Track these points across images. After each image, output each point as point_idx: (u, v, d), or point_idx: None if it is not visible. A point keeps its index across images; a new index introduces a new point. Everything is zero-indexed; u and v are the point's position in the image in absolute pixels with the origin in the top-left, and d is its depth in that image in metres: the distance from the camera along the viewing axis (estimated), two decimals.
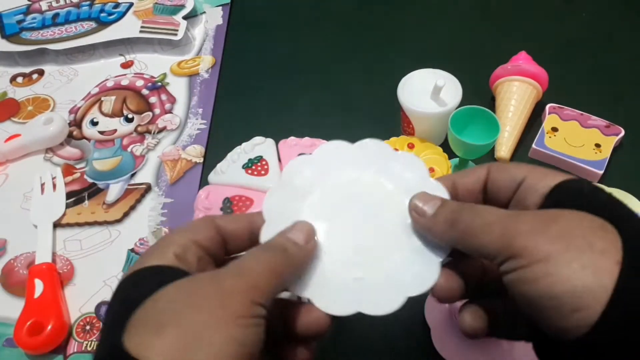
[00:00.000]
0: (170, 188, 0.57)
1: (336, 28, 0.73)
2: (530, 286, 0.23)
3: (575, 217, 0.24)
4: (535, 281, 0.23)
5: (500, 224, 0.25)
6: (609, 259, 0.22)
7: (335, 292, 0.28)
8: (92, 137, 0.63)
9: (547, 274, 0.23)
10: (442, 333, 0.44)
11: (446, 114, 0.51)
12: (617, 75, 0.64)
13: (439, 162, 0.53)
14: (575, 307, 0.22)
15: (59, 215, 0.55)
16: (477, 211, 0.27)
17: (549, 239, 0.23)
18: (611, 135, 0.56)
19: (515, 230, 0.24)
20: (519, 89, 0.57)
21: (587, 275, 0.22)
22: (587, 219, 0.24)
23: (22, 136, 0.60)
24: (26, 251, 0.53)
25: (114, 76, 0.69)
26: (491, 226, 0.25)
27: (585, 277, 0.22)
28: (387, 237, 0.30)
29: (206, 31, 0.74)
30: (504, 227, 0.25)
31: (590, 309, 0.22)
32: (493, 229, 0.25)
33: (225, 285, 0.24)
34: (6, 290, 0.50)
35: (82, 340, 0.47)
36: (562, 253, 0.23)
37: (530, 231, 0.24)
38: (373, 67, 0.65)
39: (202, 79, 0.68)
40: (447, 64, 0.55)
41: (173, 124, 0.63)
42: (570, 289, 0.22)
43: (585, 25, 0.71)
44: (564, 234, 0.23)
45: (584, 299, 0.22)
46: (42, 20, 0.74)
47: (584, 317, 0.22)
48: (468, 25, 0.72)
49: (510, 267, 0.24)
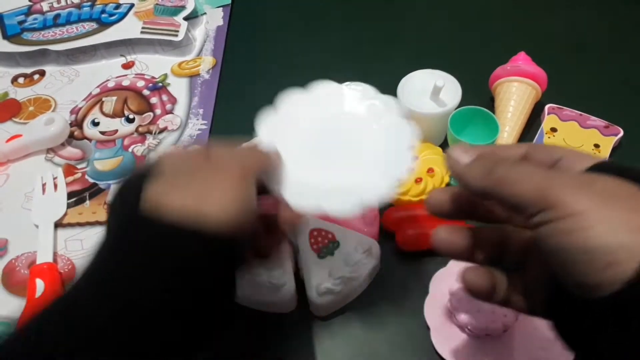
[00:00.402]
0: None
1: (336, 28, 0.73)
2: (564, 238, 0.23)
3: (614, 181, 0.25)
4: (569, 233, 0.23)
5: (538, 175, 0.26)
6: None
7: (305, 195, 0.36)
8: (93, 138, 0.63)
9: (583, 228, 0.23)
10: (442, 333, 0.44)
11: (446, 115, 0.51)
12: (616, 75, 0.64)
13: (439, 163, 0.53)
14: (609, 262, 0.22)
15: (60, 215, 0.55)
16: (515, 163, 0.28)
17: (587, 195, 0.23)
18: (610, 136, 0.56)
19: (553, 183, 0.25)
20: (518, 89, 0.57)
21: (623, 232, 0.22)
22: (624, 185, 0.24)
23: (23, 136, 0.61)
24: (27, 251, 0.53)
25: (115, 77, 0.69)
26: (530, 176, 0.26)
27: (621, 233, 0.22)
28: (353, 155, 0.38)
29: (207, 32, 0.74)
30: (543, 179, 0.25)
31: (624, 265, 0.21)
32: (531, 178, 0.25)
33: (224, 162, 0.33)
34: (7, 290, 0.51)
35: None
36: (599, 209, 0.23)
37: (570, 185, 0.24)
38: (373, 67, 0.66)
39: (202, 79, 0.68)
40: (447, 64, 0.55)
41: (174, 125, 0.63)
42: (605, 244, 0.22)
43: (585, 26, 0.71)
44: (603, 192, 0.24)
45: (619, 254, 0.22)
46: (43, 20, 0.74)
47: (617, 273, 0.21)
48: (468, 25, 0.72)
49: (545, 219, 0.24)
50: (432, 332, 0.44)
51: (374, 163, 0.37)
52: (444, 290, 0.45)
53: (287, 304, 0.46)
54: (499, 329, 0.42)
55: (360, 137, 0.38)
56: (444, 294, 0.45)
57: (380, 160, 0.37)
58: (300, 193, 0.36)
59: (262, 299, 0.45)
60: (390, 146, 0.37)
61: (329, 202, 0.35)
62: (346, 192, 0.36)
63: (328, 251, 0.45)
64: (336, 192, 0.36)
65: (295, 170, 0.37)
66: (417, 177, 0.52)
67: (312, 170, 0.37)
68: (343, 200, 0.35)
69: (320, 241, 0.46)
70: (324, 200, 0.35)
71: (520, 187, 0.26)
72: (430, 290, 0.46)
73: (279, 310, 0.47)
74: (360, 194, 0.35)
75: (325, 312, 0.47)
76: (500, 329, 0.42)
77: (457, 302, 0.43)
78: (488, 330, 0.42)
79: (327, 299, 0.44)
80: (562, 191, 0.24)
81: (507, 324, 0.42)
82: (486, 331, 0.42)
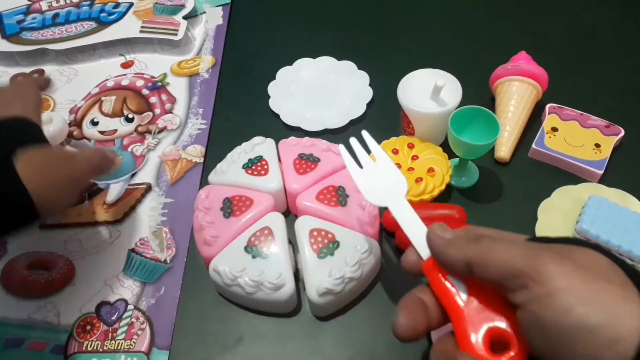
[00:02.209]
0: (170, 188, 0.57)
1: (336, 28, 0.73)
2: (562, 317, 0.23)
3: (592, 253, 0.25)
4: (567, 311, 0.22)
5: (524, 245, 0.26)
6: (632, 291, 0.22)
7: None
8: (93, 137, 0.63)
9: (580, 303, 0.22)
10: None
11: (446, 114, 0.51)
12: (617, 75, 0.64)
13: (439, 162, 0.53)
14: (613, 338, 0.21)
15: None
16: (499, 233, 0.29)
17: (574, 269, 0.23)
18: (611, 135, 0.56)
19: (540, 254, 0.25)
20: (518, 89, 0.57)
21: (618, 305, 0.22)
22: (600, 257, 0.25)
23: None
24: (27, 251, 0.53)
25: (114, 76, 0.69)
26: (516, 245, 0.26)
27: (616, 307, 0.22)
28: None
29: (206, 31, 0.74)
30: (529, 248, 0.26)
31: (626, 342, 0.21)
32: (517, 247, 0.26)
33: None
34: (6, 290, 0.50)
35: (83, 340, 0.47)
36: (590, 283, 0.23)
37: (555, 257, 0.24)
38: (373, 66, 0.65)
39: (202, 78, 0.68)
40: (447, 64, 0.55)
41: (173, 124, 0.63)
42: (605, 320, 0.22)
43: (585, 25, 0.71)
44: (587, 266, 0.24)
45: (620, 329, 0.21)
46: (42, 20, 0.74)
47: (623, 350, 0.21)
48: (468, 25, 0.72)
49: (536, 294, 0.24)
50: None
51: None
52: None
53: (287, 304, 0.46)
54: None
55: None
56: None
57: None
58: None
59: (262, 299, 0.45)
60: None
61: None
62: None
63: (328, 251, 0.45)
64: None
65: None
66: (417, 177, 0.52)
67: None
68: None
69: (320, 241, 0.46)
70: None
71: (507, 256, 0.26)
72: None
73: (279, 310, 0.47)
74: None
75: (325, 312, 0.46)
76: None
77: None
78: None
79: (327, 299, 0.44)
80: (550, 262, 0.24)
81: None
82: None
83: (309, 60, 0.67)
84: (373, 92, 0.63)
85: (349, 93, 0.64)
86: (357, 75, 0.65)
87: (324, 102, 0.63)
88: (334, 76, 0.66)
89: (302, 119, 0.61)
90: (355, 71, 0.66)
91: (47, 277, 0.50)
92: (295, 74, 0.66)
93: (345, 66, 0.66)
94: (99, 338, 0.47)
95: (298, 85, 0.65)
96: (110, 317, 0.48)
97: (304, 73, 0.66)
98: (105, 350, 0.46)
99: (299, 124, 0.60)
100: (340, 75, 0.66)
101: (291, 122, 0.61)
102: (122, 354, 0.46)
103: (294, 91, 0.64)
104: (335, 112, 0.62)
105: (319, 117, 0.61)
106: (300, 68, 0.67)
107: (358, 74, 0.65)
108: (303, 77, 0.66)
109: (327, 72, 0.66)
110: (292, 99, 0.64)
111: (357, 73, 0.65)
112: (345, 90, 0.64)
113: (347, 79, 0.65)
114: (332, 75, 0.66)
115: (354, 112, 0.61)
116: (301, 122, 0.60)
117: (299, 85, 0.65)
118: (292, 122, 0.61)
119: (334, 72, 0.66)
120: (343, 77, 0.65)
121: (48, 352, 0.46)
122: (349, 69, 0.66)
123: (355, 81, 0.65)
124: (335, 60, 0.67)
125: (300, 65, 0.67)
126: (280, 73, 0.66)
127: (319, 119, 0.61)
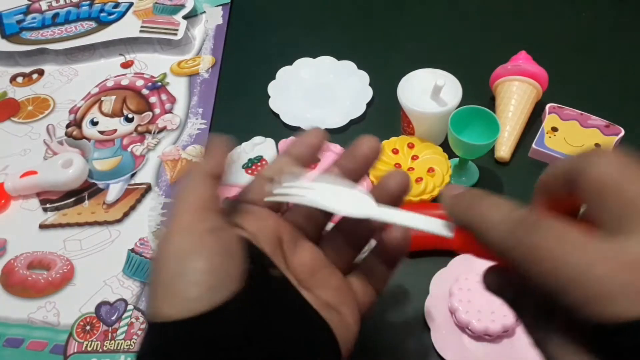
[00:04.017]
0: (170, 188, 0.57)
1: (336, 28, 0.73)
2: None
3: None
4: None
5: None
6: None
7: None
8: (92, 137, 0.63)
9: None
10: (442, 333, 0.44)
11: (446, 114, 0.51)
12: (617, 75, 0.64)
13: (439, 162, 0.53)
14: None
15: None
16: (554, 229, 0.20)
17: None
18: (611, 135, 0.56)
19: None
20: (519, 88, 0.57)
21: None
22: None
23: (38, 174, 0.56)
24: (26, 251, 0.53)
25: (114, 76, 0.69)
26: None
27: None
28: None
29: (206, 31, 0.74)
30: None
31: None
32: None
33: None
34: (6, 290, 0.50)
35: (82, 340, 0.47)
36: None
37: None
38: (373, 66, 0.65)
39: (202, 78, 0.68)
40: (447, 64, 0.55)
41: (173, 124, 0.63)
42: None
43: (585, 25, 0.71)
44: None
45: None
46: (42, 20, 0.74)
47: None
48: (468, 25, 0.72)
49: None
50: (432, 332, 0.44)
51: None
52: (444, 290, 0.45)
53: None
54: (498, 330, 0.42)
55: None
56: (445, 294, 0.45)
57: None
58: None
59: None
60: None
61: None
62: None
63: None
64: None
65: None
66: (417, 177, 0.52)
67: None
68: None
69: None
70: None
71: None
72: (431, 290, 0.46)
73: None
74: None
75: None
76: (500, 330, 0.42)
77: (458, 303, 0.43)
78: (488, 331, 0.42)
79: None
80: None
81: (507, 325, 0.42)
82: (486, 332, 0.42)
83: (309, 60, 0.67)
84: (373, 92, 0.63)
85: (349, 93, 0.64)
86: (357, 75, 0.65)
87: (324, 102, 0.63)
88: (334, 76, 0.66)
89: (302, 118, 0.61)
90: (355, 71, 0.66)
91: (46, 277, 0.50)
92: (295, 73, 0.66)
93: (345, 66, 0.66)
94: (98, 338, 0.47)
95: (298, 85, 0.65)
96: (110, 317, 0.48)
97: (304, 73, 0.66)
98: (105, 350, 0.46)
99: (299, 123, 0.60)
100: (340, 75, 0.66)
101: (291, 122, 0.61)
102: (121, 354, 0.46)
103: (294, 91, 0.64)
104: (335, 112, 0.62)
105: (318, 117, 0.61)
106: (300, 68, 0.67)
107: (358, 74, 0.65)
108: (303, 77, 0.66)
109: (327, 72, 0.66)
110: (292, 98, 0.64)
111: (357, 73, 0.65)
112: (345, 90, 0.64)
113: (347, 78, 0.65)
114: (332, 75, 0.66)
115: (354, 112, 0.61)
116: (301, 122, 0.60)
117: (299, 85, 0.65)
118: (292, 122, 0.61)
119: (334, 72, 0.66)
120: (343, 77, 0.65)
121: (48, 352, 0.46)
122: (349, 68, 0.66)
123: (355, 81, 0.65)
124: (335, 60, 0.67)
125: (300, 65, 0.67)
126: (280, 73, 0.66)
127: (318, 118, 0.61)
